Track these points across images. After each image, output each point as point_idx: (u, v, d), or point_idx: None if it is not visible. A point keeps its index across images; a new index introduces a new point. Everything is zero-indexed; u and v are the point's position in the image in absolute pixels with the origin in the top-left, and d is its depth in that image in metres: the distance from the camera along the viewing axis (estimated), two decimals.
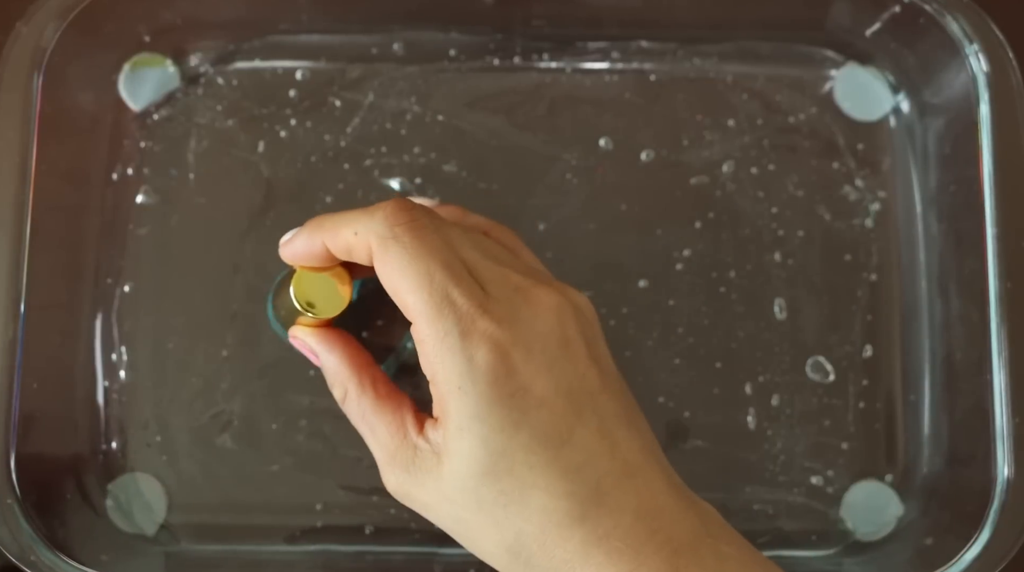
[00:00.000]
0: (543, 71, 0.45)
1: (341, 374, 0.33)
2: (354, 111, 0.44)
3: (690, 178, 0.44)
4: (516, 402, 0.29)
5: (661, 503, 0.30)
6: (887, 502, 0.42)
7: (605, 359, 0.32)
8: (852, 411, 0.42)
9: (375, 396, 0.33)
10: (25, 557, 0.37)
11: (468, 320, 0.29)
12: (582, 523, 0.29)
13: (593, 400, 0.30)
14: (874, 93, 0.45)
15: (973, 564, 0.37)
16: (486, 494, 0.29)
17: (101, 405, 0.42)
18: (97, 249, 0.42)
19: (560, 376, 0.30)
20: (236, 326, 0.42)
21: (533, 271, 0.33)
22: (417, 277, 0.30)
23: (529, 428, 0.29)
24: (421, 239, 0.30)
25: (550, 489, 0.29)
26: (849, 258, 0.43)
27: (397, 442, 0.31)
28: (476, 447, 0.29)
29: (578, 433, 0.30)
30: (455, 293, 0.30)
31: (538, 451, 0.29)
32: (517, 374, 0.29)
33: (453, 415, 0.30)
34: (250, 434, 0.42)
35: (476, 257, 0.31)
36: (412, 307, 0.30)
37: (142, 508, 0.41)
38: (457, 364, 0.29)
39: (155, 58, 0.44)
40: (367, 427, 0.33)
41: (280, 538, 0.41)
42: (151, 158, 0.43)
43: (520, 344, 0.30)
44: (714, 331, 0.43)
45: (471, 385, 0.29)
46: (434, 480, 0.30)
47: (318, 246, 0.32)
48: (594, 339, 0.32)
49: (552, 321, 0.31)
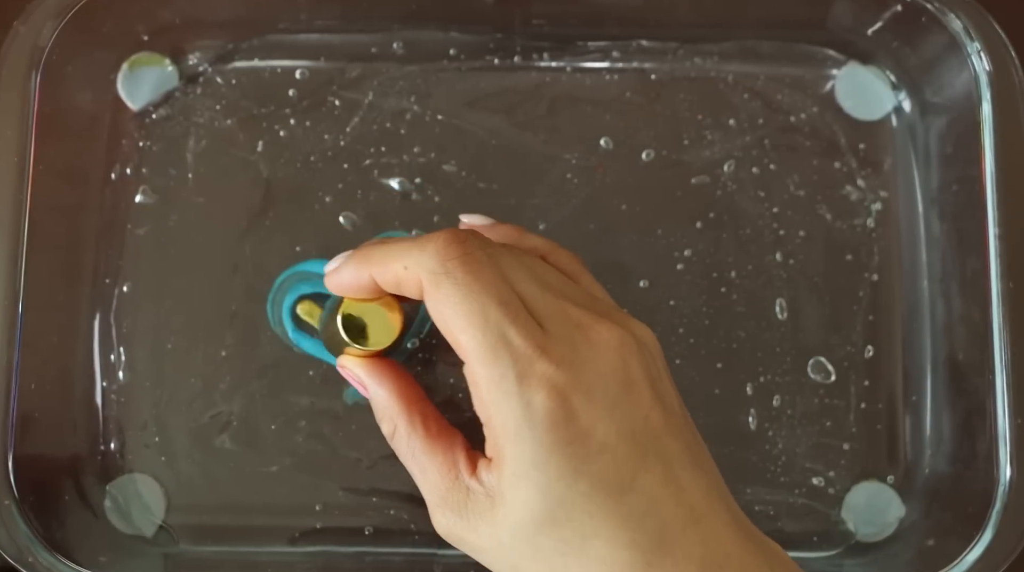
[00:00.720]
0: (543, 71, 0.44)
1: (391, 409, 0.32)
2: (354, 111, 0.44)
3: (691, 178, 0.44)
4: (576, 449, 0.28)
5: (728, 550, 0.29)
6: (889, 503, 0.42)
7: (669, 396, 0.31)
8: (853, 412, 0.42)
9: (425, 434, 0.31)
10: (23, 558, 0.37)
11: (526, 362, 0.28)
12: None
13: (657, 442, 0.29)
14: (875, 92, 0.44)
15: (975, 565, 0.37)
16: (544, 543, 0.28)
17: (99, 405, 0.42)
18: (95, 249, 0.42)
19: (623, 419, 0.29)
20: (235, 326, 0.42)
21: (594, 301, 0.32)
22: (470, 316, 0.28)
23: (589, 476, 0.28)
24: (475, 274, 0.29)
25: (612, 539, 0.28)
26: (850, 258, 0.43)
27: (448, 484, 0.30)
28: (533, 495, 0.28)
29: (641, 479, 0.28)
30: (511, 333, 0.28)
31: (599, 500, 0.28)
32: (577, 419, 0.28)
33: (509, 461, 0.28)
34: (249, 435, 0.42)
35: (533, 289, 0.30)
36: (466, 347, 0.29)
37: (141, 509, 0.41)
38: (514, 409, 0.28)
39: (154, 57, 0.44)
40: (417, 466, 0.31)
41: (279, 539, 0.41)
42: (150, 158, 0.43)
43: (580, 387, 0.28)
44: (715, 331, 0.42)
45: (528, 431, 0.28)
46: (488, 525, 0.29)
47: (365, 279, 0.31)
48: (658, 376, 0.30)
49: (614, 361, 0.29)
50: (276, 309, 0.42)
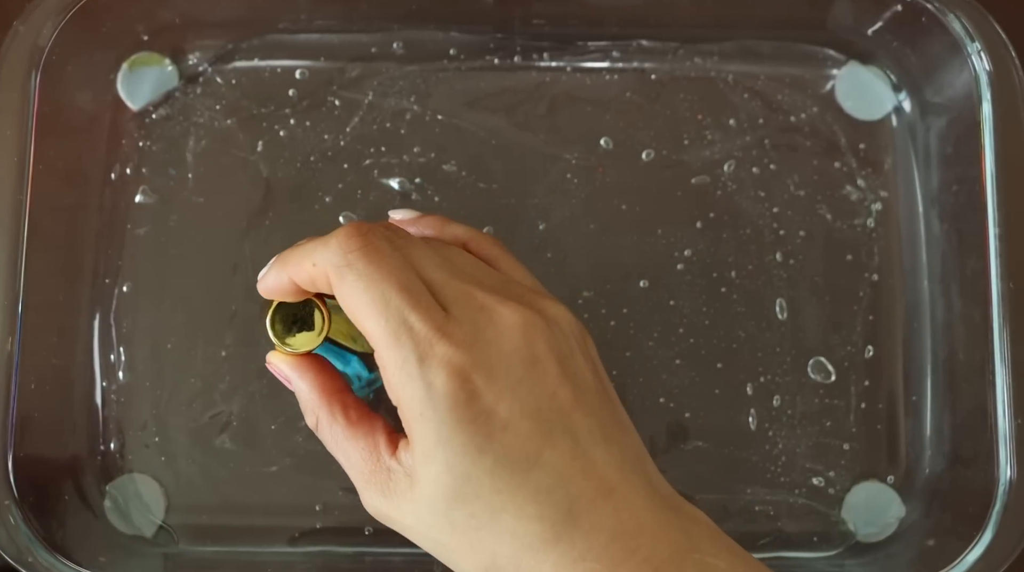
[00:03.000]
0: (543, 70, 0.44)
1: (312, 402, 0.33)
2: (353, 111, 0.44)
3: (691, 178, 0.43)
4: (479, 427, 0.29)
5: (641, 521, 0.29)
6: (889, 503, 0.42)
7: (583, 374, 0.31)
8: (854, 412, 0.42)
9: (346, 422, 0.32)
10: (23, 559, 0.37)
11: (426, 345, 0.29)
12: (555, 545, 0.28)
13: (565, 419, 0.29)
14: (876, 92, 0.44)
15: (975, 565, 0.37)
16: (457, 518, 0.29)
17: (99, 406, 0.42)
18: (95, 249, 0.42)
19: (527, 397, 0.29)
20: (235, 326, 0.42)
21: (506, 284, 0.32)
22: (373, 303, 0.29)
23: (494, 453, 0.29)
24: (376, 263, 0.30)
25: (519, 513, 0.29)
26: (851, 258, 0.43)
27: (371, 466, 0.31)
28: (442, 472, 0.29)
29: (547, 455, 0.29)
30: (412, 317, 0.29)
31: (504, 476, 0.29)
32: (479, 398, 0.29)
33: (418, 441, 0.29)
34: (249, 435, 0.42)
35: (440, 276, 0.31)
36: (371, 333, 0.29)
37: (140, 509, 0.41)
38: (417, 390, 0.29)
39: (153, 57, 0.44)
40: (341, 453, 0.32)
41: (279, 539, 0.41)
42: (149, 157, 0.43)
43: (481, 367, 0.29)
44: (715, 331, 0.42)
45: (432, 411, 0.29)
46: (409, 503, 0.30)
47: (286, 281, 0.32)
48: (569, 354, 0.31)
49: (517, 340, 0.30)
50: None
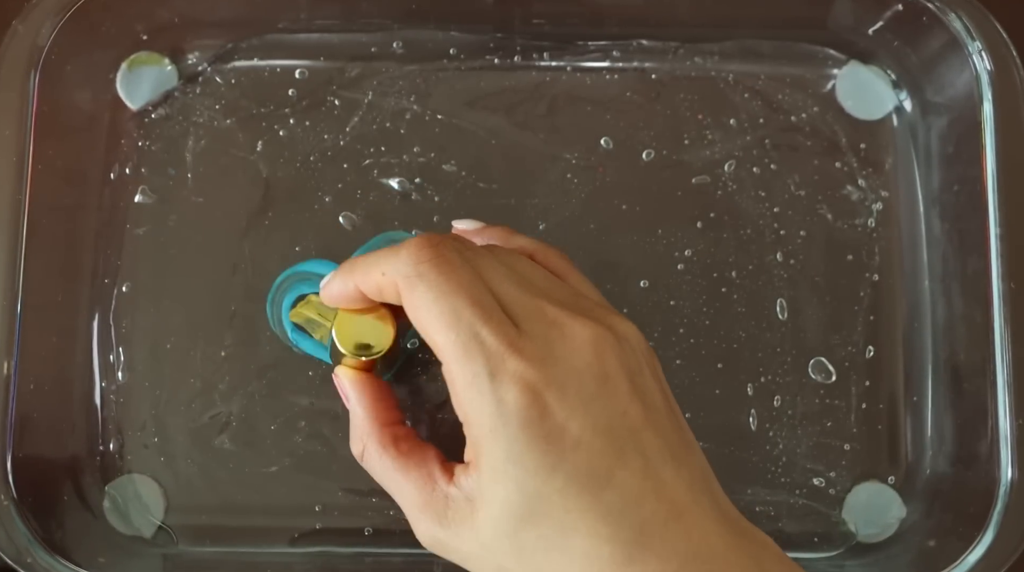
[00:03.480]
0: (543, 70, 0.44)
1: (362, 429, 0.33)
2: (353, 110, 0.44)
3: (691, 178, 0.43)
4: (552, 444, 0.28)
5: (712, 545, 0.29)
6: (890, 504, 0.42)
7: (652, 392, 0.30)
8: (854, 412, 0.42)
9: (396, 453, 0.32)
10: (22, 559, 0.37)
11: (498, 360, 0.28)
12: (626, 568, 0.28)
13: (636, 438, 0.29)
14: (876, 92, 0.44)
15: (976, 566, 0.37)
16: (525, 539, 0.29)
17: (98, 406, 0.42)
18: (94, 249, 0.42)
19: (598, 415, 0.29)
20: (235, 326, 0.42)
21: (576, 299, 0.32)
22: (443, 316, 0.29)
23: (565, 471, 0.28)
24: (447, 275, 0.29)
25: (591, 533, 0.28)
26: (851, 258, 0.43)
27: (427, 495, 0.31)
28: (512, 491, 0.28)
29: (619, 475, 0.28)
30: (484, 332, 0.28)
31: (576, 495, 0.28)
32: (551, 415, 0.28)
33: (486, 458, 0.29)
34: (249, 435, 0.41)
35: (510, 289, 0.30)
36: (441, 347, 0.29)
37: (140, 510, 0.41)
38: (487, 406, 0.28)
39: (153, 57, 0.44)
40: (392, 484, 0.32)
41: (279, 540, 0.41)
42: (149, 157, 0.43)
43: (554, 384, 0.28)
44: (715, 332, 0.42)
45: (503, 428, 0.28)
46: (470, 529, 0.29)
47: (352, 289, 0.32)
48: (638, 371, 0.30)
49: (588, 356, 0.29)
50: (276, 309, 0.42)
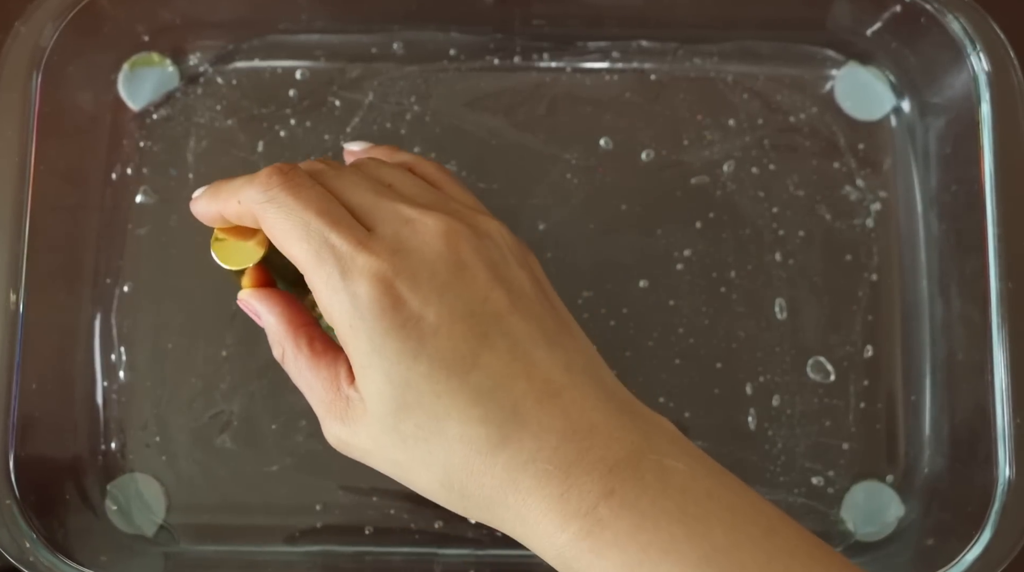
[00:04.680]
0: (543, 71, 0.44)
1: (278, 334, 0.33)
2: (354, 111, 0.44)
3: (690, 178, 0.44)
4: (409, 332, 0.29)
5: (593, 421, 0.29)
6: (888, 503, 0.42)
7: (519, 280, 0.31)
8: (853, 411, 0.42)
9: (310, 353, 0.33)
10: (24, 558, 0.37)
11: (348, 260, 0.29)
12: (504, 448, 0.28)
13: (500, 322, 0.29)
14: (875, 93, 0.44)
15: (974, 565, 0.37)
16: (406, 429, 0.29)
17: (100, 405, 0.42)
18: (96, 249, 0.42)
19: (455, 301, 0.29)
20: (236, 326, 0.42)
21: (442, 202, 0.32)
22: (294, 230, 0.30)
23: (428, 356, 0.29)
24: (295, 195, 0.30)
25: (463, 417, 0.29)
26: (850, 258, 0.43)
27: (331, 395, 0.31)
28: (382, 383, 0.29)
29: (485, 357, 0.29)
30: (332, 236, 0.30)
31: (442, 378, 0.29)
32: (405, 304, 0.29)
33: (354, 354, 0.30)
34: (250, 434, 0.42)
35: (365, 197, 0.31)
36: (298, 258, 0.30)
37: (141, 509, 0.41)
38: (343, 303, 0.29)
39: (154, 58, 0.44)
40: (305, 384, 0.33)
41: (279, 539, 0.41)
42: (150, 158, 0.43)
43: (404, 273, 0.29)
44: (714, 331, 0.42)
45: (360, 321, 0.29)
46: (364, 426, 0.30)
47: (214, 212, 0.33)
48: (502, 262, 0.31)
49: (440, 246, 0.30)
50: None
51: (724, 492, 0.28)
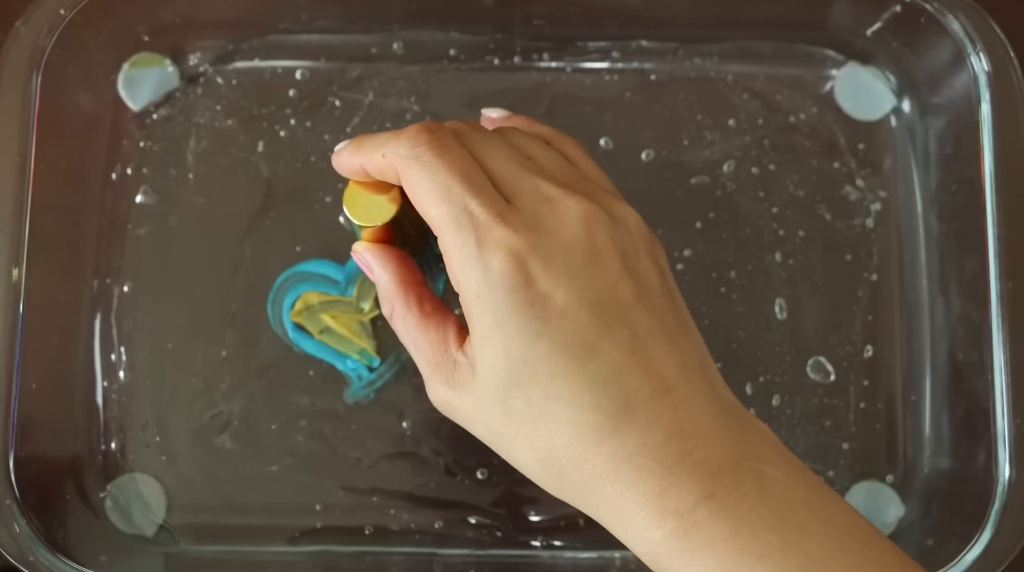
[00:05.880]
0: (543, 71, 0.44)
1: (390, 291, 0.34)
2: (354, 111, 0.44)
3: (690, 178, 0.44)
4: (536, 310, 0.29)
5: (700, 422, 0.29)
6: (888, 503, 0.42)
7: (647, 272, 0.31)
8: (853, 411, 0.42)
9: (420, 313, 0.33)
10: (24, 558, 0.37)
11: (485, 229, 0.29)
12: (610, 438, 0.28)
13: (624, 313, 0.29)
14: (875, 93, 0.44)
15: (974, 565, 0.37)
16: (514, 405, 0.29)
17: (100, 405, 0.42)
18: (96, 249, 0.42)
19: (585, 286, 0.29)
20: (236, 326, 0.42)
21: (580, 181, 0.32)
22: (436, 192, 0.30)
23: (550, 337, 0.29)
24: (441, 157, 0.30)
25: (575, 401, 0.29)
26: (850, 258, 0.43)
27: (439, 357, 0.32)
28: (499, 356, 0.29)
29: (604, 346, 0.29)
30: (472, 204, 0.29)
31: (560, 361, 0.29)
32: (535, 282, 0.29)
33: (476, 324, 0.30)
34: (250, 434, 0.42)
35: (508, 167, 0.31)
36: (434, 220, 0.30)
37: (141, 509, 0.41)
38: (475, 272, 0.29)
39: (154, 58, 0.44)
40: (412, 342, 0.33)
41: (280, 539, 0.41)
42: (150, 158, 0.43)
43: (539, 252, 0.29)
44: (714, 331, 0.42)
45: (488, 293, 0.29)
46: (470, 392, 0.30)
47: (357, 165, 0.33)
48: (633, 252, 0.31)
49: (578, 230, 0.30)
50: (276, 309, 0.42)
51: (821, 503, 0.29)
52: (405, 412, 0.42)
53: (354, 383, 0.42)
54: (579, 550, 0.41)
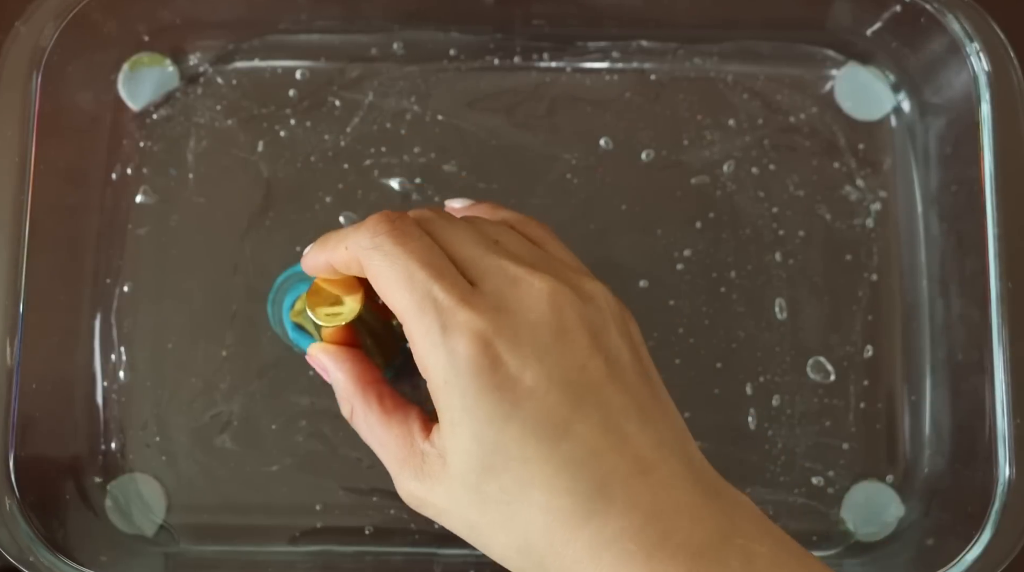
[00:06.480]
0: (543, 71, 0.44)
1: (347, 390, 0.33)
2: (354, 111, 0.44)
3: (690, 178, 0.44)
4: (504, 394, 0.28)
5: (680, 501, 0.28)
6: (888, 503, 0.42)
7: (618, 349, 0.30)
8: (853, 411, 0.42)
9: (381, 410, 0.32)
10: (24, 558, 0.37)
11: (449, 314, 0.29)
12: (587, 522, 0.28)
13: (596, 393, 0.29)
14: (875, 93, 0.44)
15: (974, 565, 0.37)
16: (488, 491, 0.29)
17: (100, 405, 0.42)
18: (96, 249, 0.42)
19: (553, 367, 0.29)
20: (236, 326, 0.42)
21: (547, 261, 0.32)
22: (398, 280, 0.30)
23: (520, 421, 0.28)
24: (402, 245, 0.30)
25: (549, 486, 0.28)
26: (850, 258, 0.43)
27: (405, 451, 0.31)
28: (469, 442, 0.29)
29: (577, 427, 0.28)
30: (435, 289, 0.29)
31: (532, 444, 0.28)
32: (503, 365, 0.29)
33: (445, 411, 0.29)
34: (250, 434, 0.42)
35: (472, 251, 0.31)
36: (398, 308, 0.30)
37: (141, 509, 0.41)
38: (440, 358, 0.29)
39: (154, 57, 0.44)
40: (376, 440, 0.32)
41: (280, 539, 0.41)
42: (150, 158, 0.43)
43: (505, 333, 0.29)
44: (714, 331, 0.42)
45: (455, 378, 0.29)
46: (440, 483, 0.30)
47: (323, 262, 0.33)
48: (603, 328, 0.30)
49: (544, 308, 0.29)
50: (276, 309, 0.42)
51: None
52: None
53: None
54: None
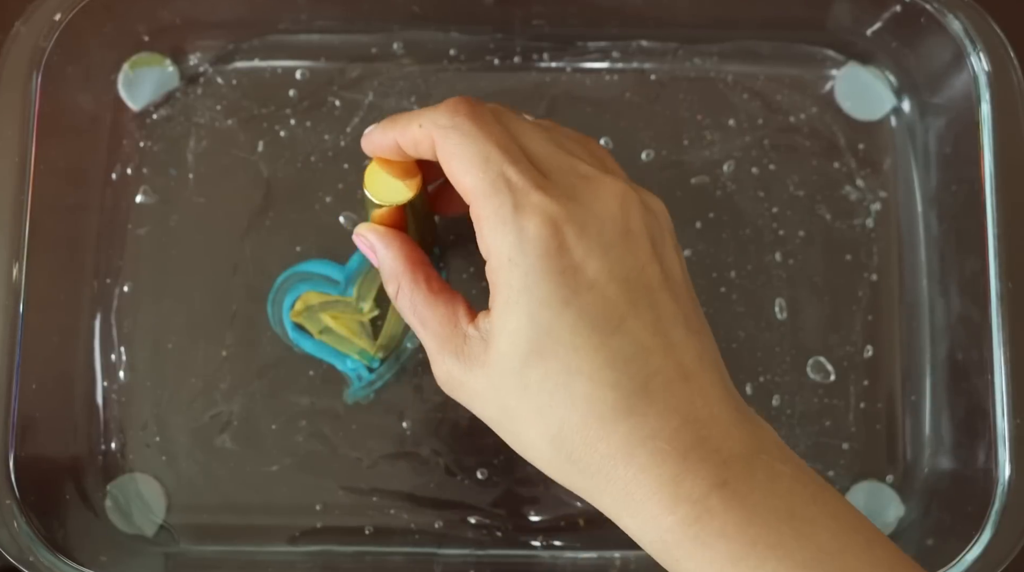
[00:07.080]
0: (543, 71, 0.44)
1: (395, 269, 0.33)
2: (354, 111, 0.44)
3: (690, 178, 0.44)
4: (566, 279, 0.29)
5: (715, 412, 0.29)
6: (888, 503, 0.42)
7: (672, 262, 0.31)
8: (853, 411, 0.42)
9: (428, 290, 0.33)
10: (24, 558, 0.37)
11: (522, 194, 0.29)
12: (627, 418, 0.28)
13: (651, 295, 0.30)
14: (875, 93, 0.44)
15: (974, 565, 0.37)
16: (531, 376, 0.29)
17: (100, 405, 0.42)
18: (96, 249, 0.42)
19: (616, 263, 0.29)
20: (236, 326, 0.42)
21: (612, 170, 0.32)
22: (472, 158, 0.30)
23: (577, 308, 0.29)
24: (479, 126, 0.30)
25: (595, 377, 0.28)
26: (850, 258, 0.43)
27: (448, 330, 0.31)
28: (523, 323, 0.29)
29: (630, 323, 0.29)
30: (510, 171, 0.29)
31: (585, 333, 0.28)
32: (569, 251, 0.29)
33: (503, 289, 0.29)
34: (250, 434, 0.42)
35: (544, 147, 0.31)
36: (468, 187, 0.30)
37: (141, 509, 0.41)
38: (508, 235, 0.29)
39: (154, 57, 0.44)
40: (418, 319, 0.32)
41: (280, 539, 0.41)
42: (150, 158, 0.43)
43: (574, 222, 0.29)
44: (715, 331, 0.42)
45: (521, 256, 0.29)
46: (481, 365, 0.30)
47: (390, 140, 0.33)
48: (661, 239, 0.31)
49: (613, 207, 0.30)
50: (276, 309, 0.42)
51: (828, 499, 0.29)
52: (405, 412, 0.42)
53: (354, 383, 0.42)
54: (579, 550, 0.41)
